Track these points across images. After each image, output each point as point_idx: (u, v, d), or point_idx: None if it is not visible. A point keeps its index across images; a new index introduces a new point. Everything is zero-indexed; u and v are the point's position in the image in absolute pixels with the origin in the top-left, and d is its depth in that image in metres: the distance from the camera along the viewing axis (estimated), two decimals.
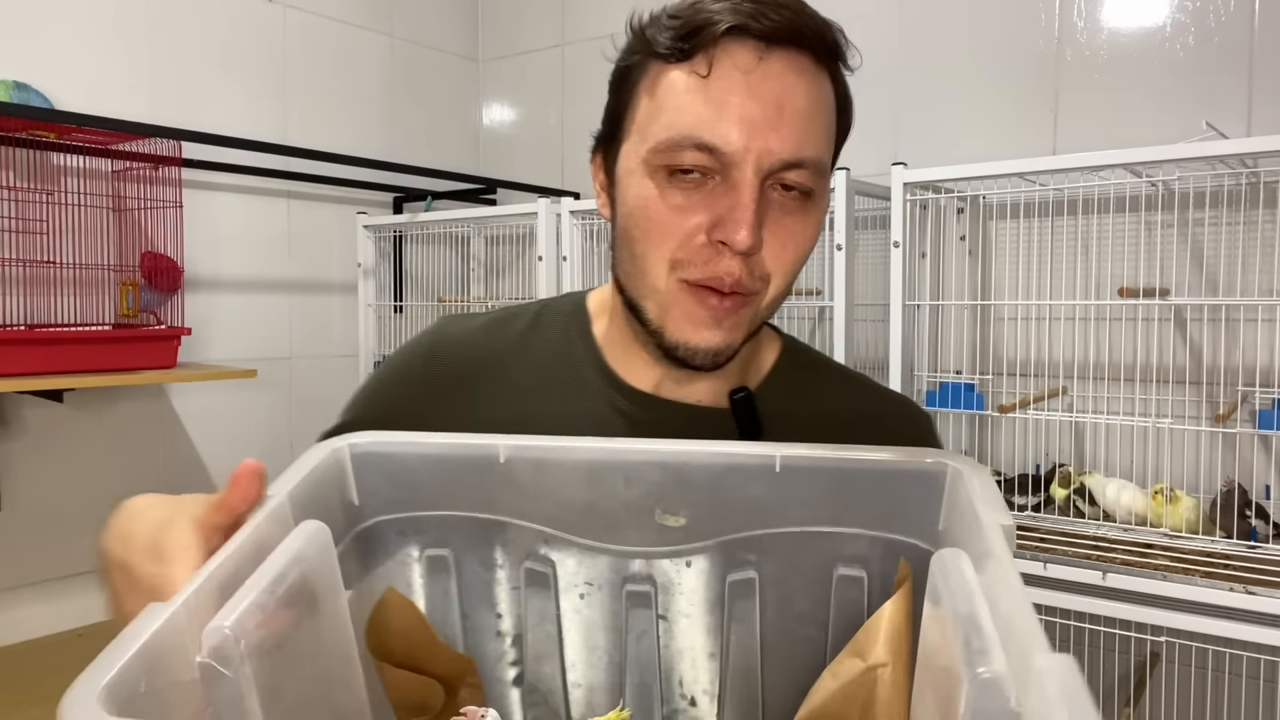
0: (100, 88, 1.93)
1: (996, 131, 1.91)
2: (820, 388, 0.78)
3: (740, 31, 0.61)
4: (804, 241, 0.66)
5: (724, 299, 0.64)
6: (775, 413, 0.74)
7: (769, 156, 0.61)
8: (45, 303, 1.79)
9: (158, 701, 0.41)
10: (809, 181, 0.64)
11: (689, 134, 0.62)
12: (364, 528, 0.61)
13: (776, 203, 0.64)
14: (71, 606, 1.92)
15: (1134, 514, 1.54)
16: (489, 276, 2.68)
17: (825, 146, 0.65)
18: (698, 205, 0.63)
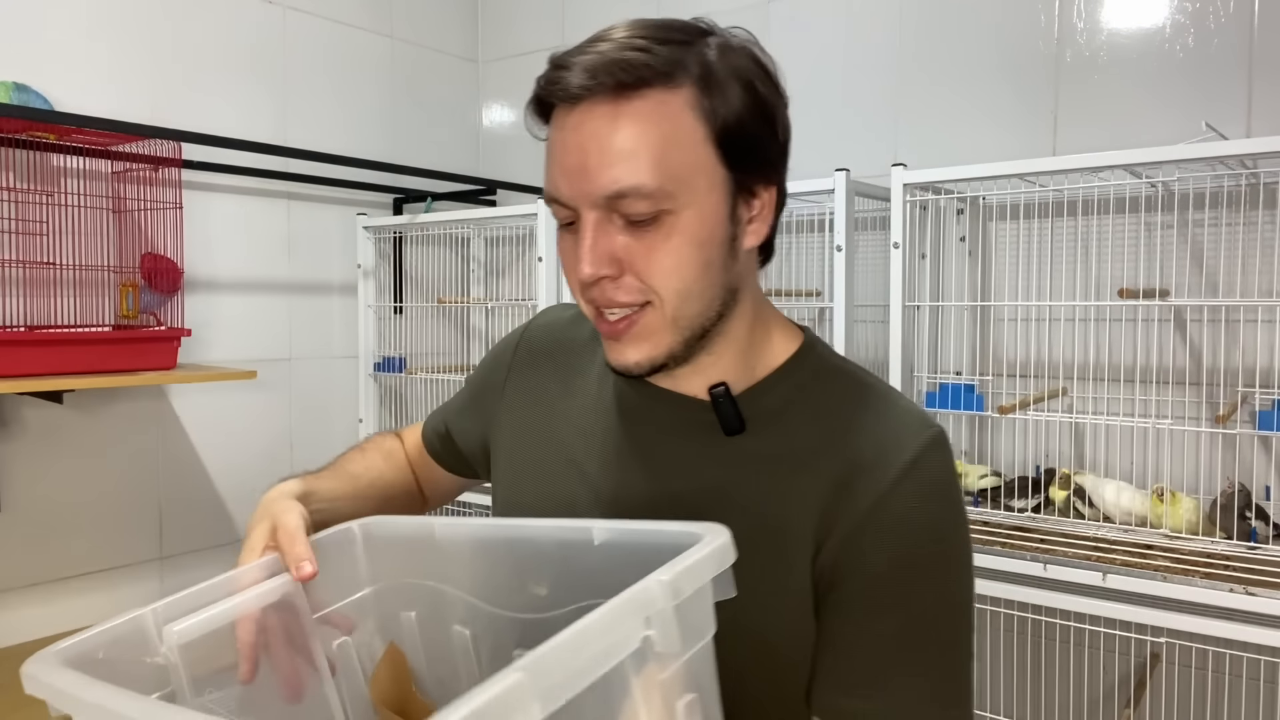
0: (100, 89, 1.93)
1: (996, 132, 1.92)
2: (820, 390, 0.77)
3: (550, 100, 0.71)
4: (673, 253, 0.69)
5: (615, 324, 0.72)
6: (768, 411, 0.76)
7: (589, 197, 0.69)
8: (45, 304, 1.79)
9: (109, 668, 0.56)
10: (645, 207, 0.68)
11: (547, 190, 0.73)
12: (366, 592, 0.77)
13: (627, 228, 0.70)
14: (71, 608, 1.92)
15: (1133, 515, 1.54)
16: (489, 278, 2.68)
17: (650, 169, 0.68)
18: (572, 247, 0.72)
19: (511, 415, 0.91)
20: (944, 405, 1.69)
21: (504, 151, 2.77)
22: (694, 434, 0.77)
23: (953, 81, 1.97)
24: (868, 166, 1.94)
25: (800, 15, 2.17)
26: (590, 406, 0.84)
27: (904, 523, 0.70)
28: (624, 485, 0.79)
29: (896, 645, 0.70)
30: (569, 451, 0.84)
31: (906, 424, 0.74)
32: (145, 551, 2.04)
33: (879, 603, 0.70)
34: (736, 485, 0.75)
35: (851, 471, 0.71)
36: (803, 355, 0.79)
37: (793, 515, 0.72)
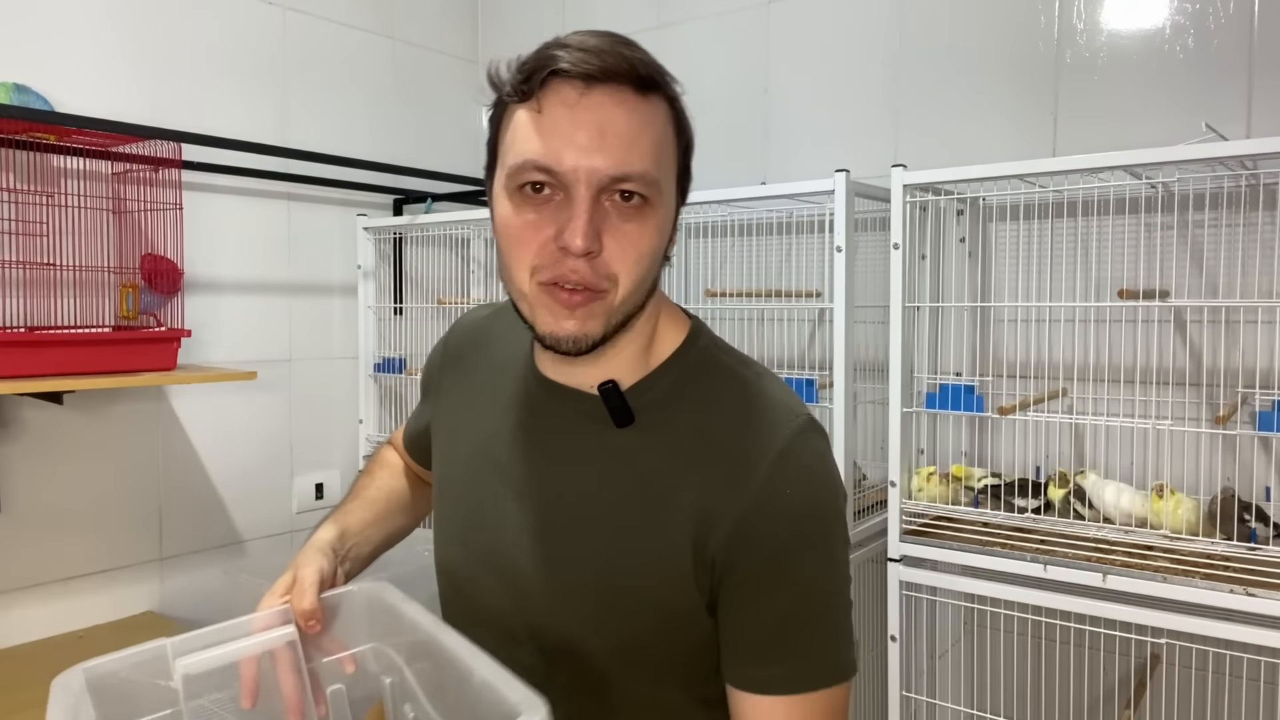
0: (100, 90, 1.93)
1: (996, 133, 1.92)
2: (701, 381, 0.84)
3: (563, 74, 0.74)
4: (643, 244, 0.76)
5: (573, 294, 0.75)
6: (655, 402, 0.83)
7: (596, 174, 0.73)
8: (45, 305, 1.79)
9: (125, 687, 0.69)
10: (641, 189, 0.75)
11: (530, 159, 0.74)
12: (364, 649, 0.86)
13: (614, 212, 0.75)
14: (71, 608, 1.92)
15: (1133, 517, 1.54)
16: (489, 278, 2.68)
17: (651, 162, 0.75)
18: (546, 220, 0.75)
19: (441, 412, 0.99)
20: (944, 406, 1.69)
21: None
22: (588, 426, 0.83)
23: (953, 82, 1.97)
24: (868, 167, 1.94)
25: (800, 15, 2.17)
26: (503, 402, 0.90)
27: (782, 508, 0.77)
28: (529, 476, 0.85)
29: (792, 613, 0.77)
30: (484, 444, 0.90)
31: (776, 415, 0.80)
32: (145, 552, 2.04)
33: (771, 582, 0.77)
34: (624, 474, 0.81)
35: (730, 463, 0.78)
36: (687, 347, 0.85)
37: (676, 502, 0.78)
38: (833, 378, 1.68)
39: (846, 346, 1.68)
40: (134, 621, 1.97)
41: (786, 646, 0.78)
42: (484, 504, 0.89)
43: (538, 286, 0.76)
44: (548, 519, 0.83)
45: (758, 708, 0.78)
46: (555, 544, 0.83)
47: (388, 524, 1.05)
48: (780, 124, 2.20)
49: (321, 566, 0.87)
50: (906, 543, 1.63)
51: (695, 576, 0.78)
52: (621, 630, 0.80)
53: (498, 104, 0.80)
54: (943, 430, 1.86)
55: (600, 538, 0.81)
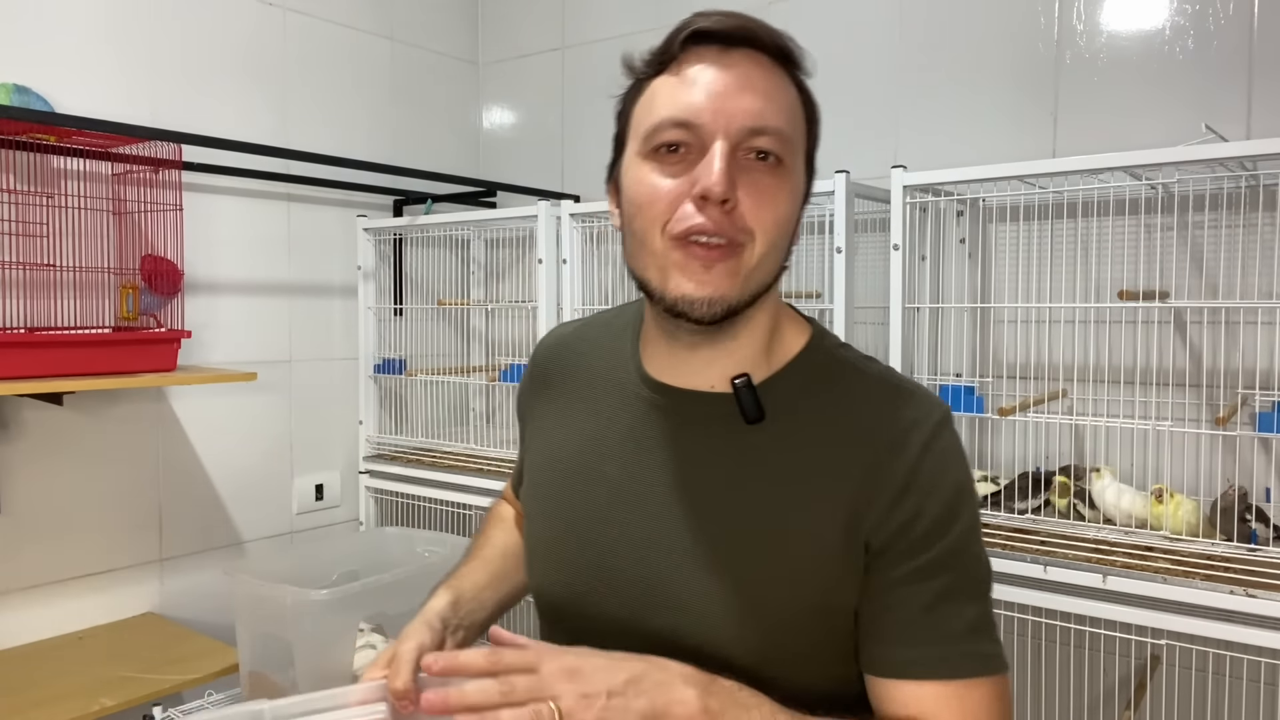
0: (100, 91, 1.93)
1: (996, 134, 1.92)
2: (833, 379, 0.82)
3: (703, 36, 0.74)
4: (780, 202, 0.75)
5: (709, 250, 0.73)
6: (785, 403, 0.80)
7: (734, 121, 0.73)
8: (45, 306, 1.79)
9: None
10: (776, 147, 0.74)
11: (669, 116, 0.74)
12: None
13: (749, 167, 0.74)
14: (71, 610, 1.92)
15: (1133, 517, 1.54)
16: (489, 279, 2.68)
17: (788, 123, 0.76)
18: (683, 178, 0.74)
19: (532, 434, 0.96)
20: None
21: (504, 154, 2.77)
22: (712, 425, 0.81)
23: (952, 83, 1.97)
24: (868, 168, 1.94)
25: (800, 16, 2.17)
26: (605, 412, 0.87)
27: (933, 487, 0.77)
28: (646, 481, 0.82)
29: (946, 591, 0.76)
30: (586, 458, 0.87)
31: (921, 403, 0.80)
32: (145, 553, 2.04)
33: (926, 557, 0.76)
34: (757, 473, 0.78)
35: (880, 450, 0.77)
36: (813, 348, 0.84)
37: (822, 496, 0.77)
38: None
39: None
40: (134, 622, 1.97)
41: (939, 626, 0.75)
42: (592, 518, 0.85)
43: (670, 242, 0.74)
44: (674, 525, 0.80)
45: (907, 694, 0.75)
46: (686, 550, 0.79)
47: (505, 583, 1.01)
48: None
49: (422, 642, 0.85)
50: None
51: (848, 568, 0.77)
52: (769, 633, 0.77)
53: (630, 88, 0.80)
54: None
55: (738, 540, 0.78)
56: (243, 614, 1.65)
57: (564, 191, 2.52)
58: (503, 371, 2.25)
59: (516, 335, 2.61)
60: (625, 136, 0.80)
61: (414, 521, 2.36)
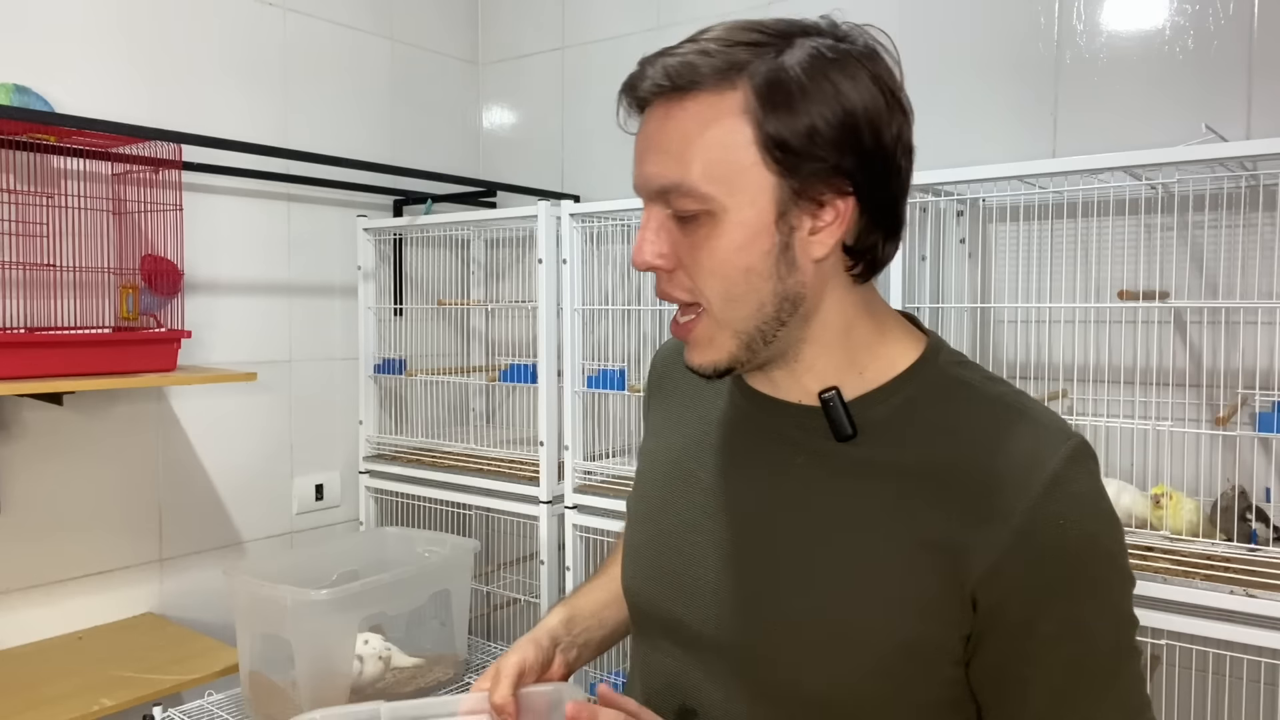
0: (100, 91, 1.93)
1: (996, 134, 1.92)
2: (946, 399, 0.74)
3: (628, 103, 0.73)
4: (712, 250, 0.70)
5: (679, 324, 0.75)
6: (881, 419, 0.74)
7: (646, 191, 0.73)
8: (45, 306, 1.79)
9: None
10: (691, 204, 0.69)
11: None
12: None
13: (679, 224, 0.72)
14: (71, 609, 1.92)
15: (1133, 516, 1.54)
16: (489, 280, 2.68)
17: (699, 169, 0.68)
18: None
19: (647, 436, 0.96)
20: None
21: (504, 154, 2.77)
22: (803, 441, 0.77)
23: (952, 83, 1.97)
24: None
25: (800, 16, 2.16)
26: (707, 418, 0.86)
27: (1056, 544, 0.66)
28: (736, 493, 0.80)
29: (1071, 674, 0.67)
30: (686, 463, 0.86)
31: (1044, 437, 0.69)
32: (145, 553, 2.04)
33: (1045, 634, 0.67)
34: (846, 492, 0.73)
35: (989, 488, 0.68)
36: (923, 364, 0.76)
37: (912, 528, 0.69)
38: None
39: None
40: (134, 622, 1.97)
41: (1069, 708, 0.67)
42: (681, 524, 0.83)
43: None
44: (757, 541, 0.76)
45: None
46: (767, 569, 0.75)
47: (622, 605, 0.95)
48: None
49: (525, 656, 0.86)
50: None
51: (945, 615, 0.68)
52: (843, 665, 0.71)
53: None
54: None
55: (818, 563, 0.73)
56: (243, 614, 1.65)
57: (564, 191, 2.52)
58: (502, 371, 2.25)
59: (516, 335, 2.61)
60: None
61: (414, 521, 2.36)
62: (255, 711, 1.62)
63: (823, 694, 0.71)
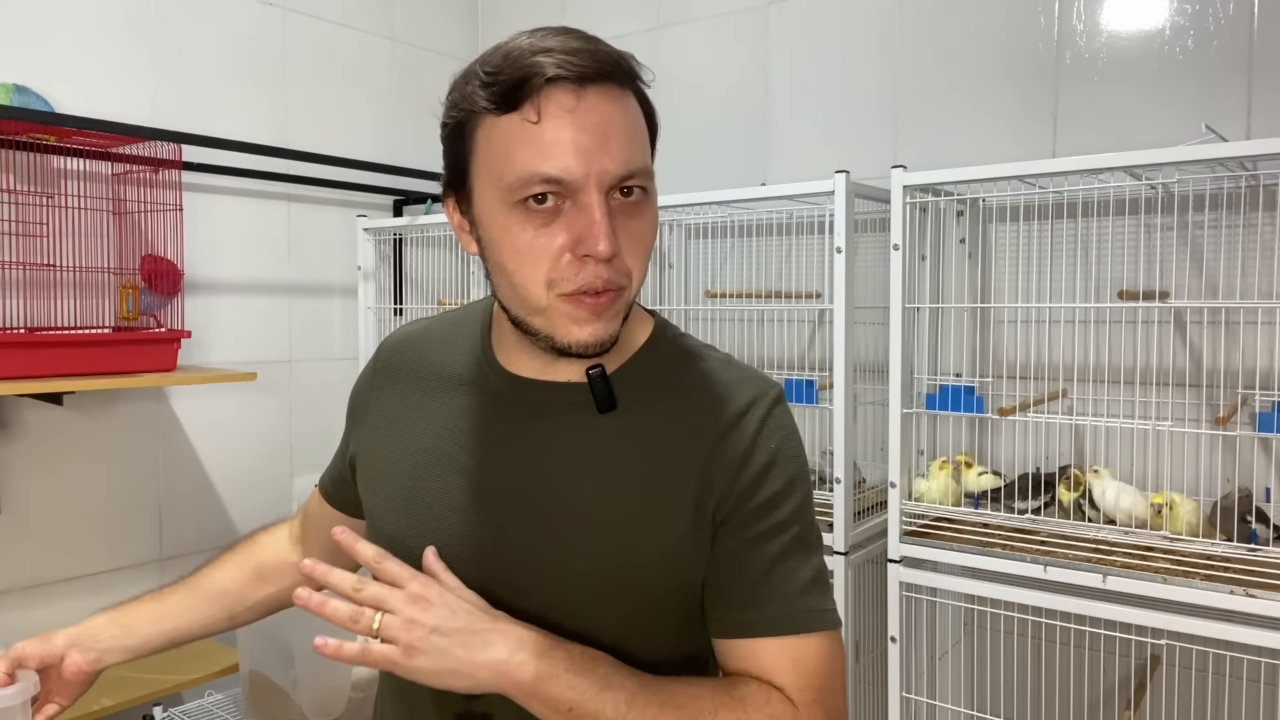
0: (100, 91, 1.93)
1: (996, 134, 1.92)
2: (678, 367, 0.87)
3: (557, 80, 0.72)
4: (646, 236, 0.79)
5: (599, 297, 0.75)
6: (634, 390, 0.84)
7: (606, 176, 0.73)
8: (45, 306, 1.79)
9: None
10: (641, 184, 0.76)
11: (535, 171, 0.72)
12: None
13: (618, 209, 0.75)
14: (72, 609, 1.92)
15: (1134, 518, 1.54)
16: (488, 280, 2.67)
17: (645, 156, 0.77)
18: (557, 230, 0.74)
19: (374, 431, 0.94)
20: (944, 407, 1.69)
21: None
22: (568, 415, 0.83)
23: (953, 83, 1.97)
24: (868, 168, 1.94)
25: (800, 16, 2.17)
26: (457, 406, 0.88)
27: (770, 460, 0.82)
28: (501, 471, 0.84)
29: (781, 556, 0.82)
30: (437, 450, 0.87)
31: (755, 385, 0.86)
32: (145, 553, 2.04)
33: (763, 527, 0.81)
34: (610, 458, 0.82)
35: (722, 429, 0.82)
36: (657, 337, 0.88)
37: (675, 475, 0.81)
38: (833, 379, 1.68)
39: (846, 348, 1.68)
40: None
41: (776, 587, 0.81)
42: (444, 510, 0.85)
43: (558, 299, 0.75)
44: (529, 514, 0.82)
45: (748, 652, 0.80)
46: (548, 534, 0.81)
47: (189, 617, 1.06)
48: (780, 125, 2.20)
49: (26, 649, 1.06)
50: (906, 544, 1.63)
51: (698, 544, 0.81)
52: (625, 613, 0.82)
53: (466, 115, 0.77)
54: (943, 431, 1.86)
55: (599, 523, 0.81)
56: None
57: None
58: None
59: None
60: (469, 167, 0.78)
61: None
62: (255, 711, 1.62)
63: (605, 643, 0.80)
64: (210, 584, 1.06)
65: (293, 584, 1.05)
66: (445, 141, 0.80)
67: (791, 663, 0.79)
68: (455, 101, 0.78)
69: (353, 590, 0.75)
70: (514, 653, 0.73)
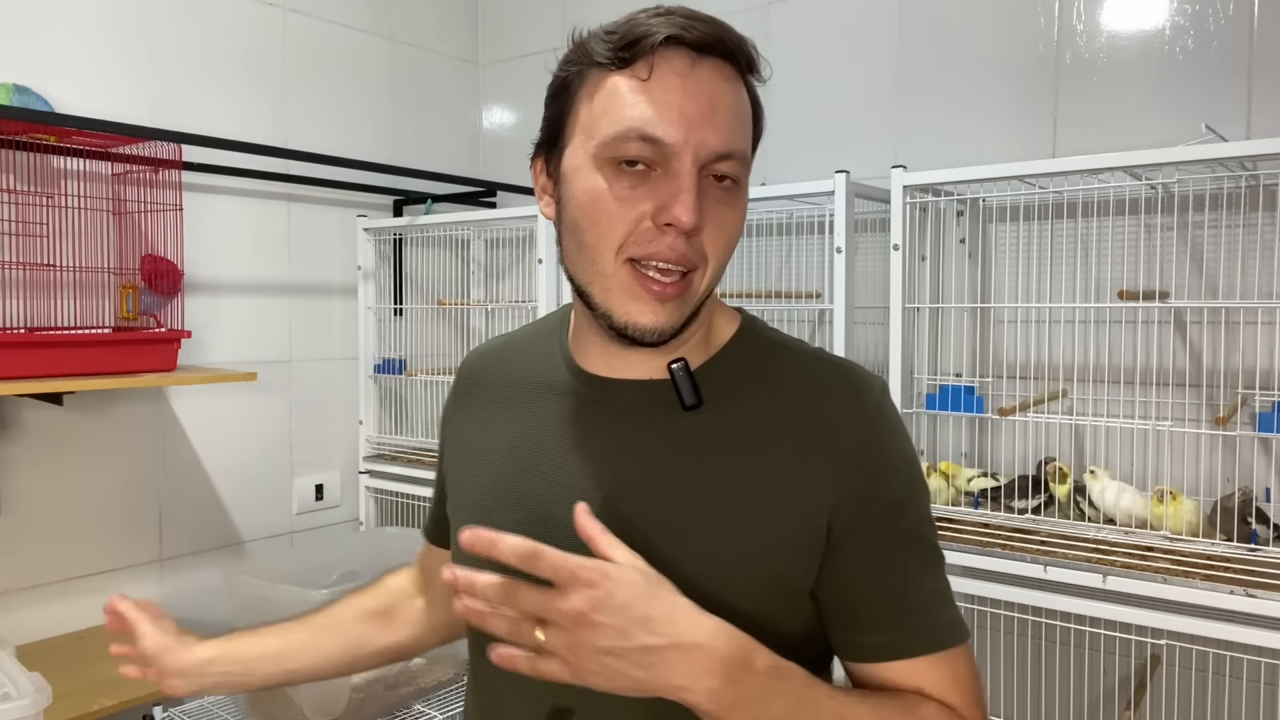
0: (100, 91, 1.94)
1: (996, 134, 1.92)
2: (769, 360, 0.82)
3: (675, 41, 0.70)
4: (734, 227, 0.75)
5: (665, 284, 0.72)
6: (723, 385, 0.80)
7: (705, 148, 0.70)
8: (45, 306, 1.80)
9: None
10: (736, 172, 0.73)
11: (635, 127, 0.70)
12: None
13: (710, 192, 0.72)
14: (72, 609, 1.92)
15: (1134, 517, 1.54)
16: (489, 280, 2.68)
17: (747, 143, 0.75)
18: (643, 195, 0.71)
19: (457, 453, 0.92)
20: (944, 407, 1.69)
21: (504, 154, 2.77)
22: (650, 413, 0.79)
23: (953, 83, 1.97)
24: (868, 168, 1.94)
25: (800, 16, 2.17)
26: (535, 414, 0.85)
27: (887, 465, 0.77)
28: (583, 475, 0.80)
29: (914, 569, 0.76)
30: (517, 460, 0.84)
31: (859, 380, 0.80)
32: (145, 553, 2.04)
33: (888, 537, 0.76)
34: (698, 456, 0.77)
35: (824, 429, 0.76)
36: (745, 332, 0.84)
37: (768, 476, 0.76)
38: None
39: (846, 347, 1.68)
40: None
41: (918, 601, 0.76)
42: (529, 520, 0.80)
43: (625, 265, 0.72)
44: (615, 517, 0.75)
45: (906, 673, 0.75)
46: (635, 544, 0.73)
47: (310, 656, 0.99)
48: (780, 125, 2.20)
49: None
50: None
51: (802, 545, 0.75)
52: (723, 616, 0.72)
53: (575, 72, 0.75)
54: (943, 431, 1.86)
55: (691, 527, 0.76)
56: (243, 614, 1.65)
57: None
58: None
59: None
60: (567, 122, 0.75)
61: (414, 521, 2.36)
62: (255, 711, 1.62)
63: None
64: (335, 624, 1.01)
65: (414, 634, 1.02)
66: (549, 99, 0.78)
67: (954, 681, 0.75)
68: (568, 58, 0.76)
69: (504, 598, 0.66)
70: (695, 678, 0.65)
